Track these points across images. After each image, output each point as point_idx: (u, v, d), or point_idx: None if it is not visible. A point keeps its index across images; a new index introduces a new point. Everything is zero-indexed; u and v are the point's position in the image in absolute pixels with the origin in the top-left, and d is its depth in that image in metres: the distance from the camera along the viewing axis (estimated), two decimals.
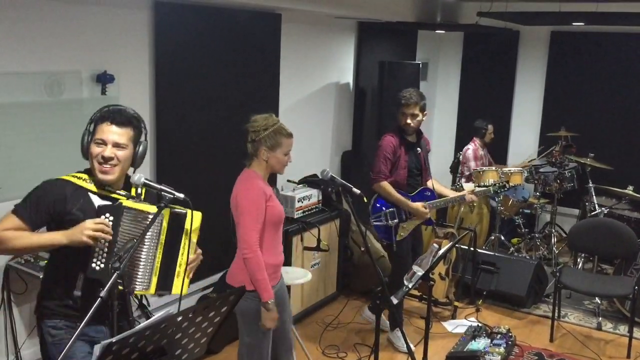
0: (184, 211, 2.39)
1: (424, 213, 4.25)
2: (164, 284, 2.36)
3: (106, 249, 2.25)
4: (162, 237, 2.35)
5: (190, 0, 3.98)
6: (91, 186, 2.36)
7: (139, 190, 2.45)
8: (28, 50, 3.29)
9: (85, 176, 2.38)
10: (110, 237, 2.23)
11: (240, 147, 4.57)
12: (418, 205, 4.25)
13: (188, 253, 2.41)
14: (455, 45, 7.65)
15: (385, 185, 4.21)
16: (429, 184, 4.41)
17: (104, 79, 3.57)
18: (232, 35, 4.42)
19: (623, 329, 4.84)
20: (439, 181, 4.62)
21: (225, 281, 3.16)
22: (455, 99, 7.75)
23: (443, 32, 7.27)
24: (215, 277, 4.54)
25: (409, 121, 4.20)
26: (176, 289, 2.37)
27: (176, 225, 2.38)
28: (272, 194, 3.06)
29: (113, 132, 2.35)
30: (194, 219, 2.39)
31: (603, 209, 5.79)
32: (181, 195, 2.33)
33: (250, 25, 4.57)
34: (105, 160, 2.33)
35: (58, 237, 2.24)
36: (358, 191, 3.16)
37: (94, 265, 2.25)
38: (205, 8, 4.14)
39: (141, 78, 3.86)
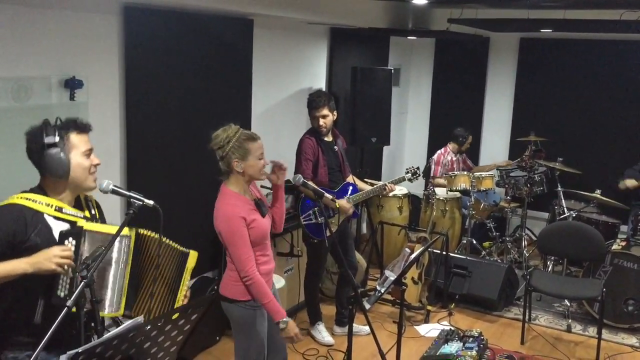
0: (188, 251, 2.40)
1: (348, 207, 4.39)
2: (130, 306, 2.35)
3: (70, 274, 2.18)
4: (130, 258, 2.33)
5: (161, 5, 3.95)
6: (48, 209, 2.24)
7: (92, 209, 2.42)
8: None
9: (39, 197, 2.25)
10: (73, 264, 2.16)
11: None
12: (342, 201, 4.39)
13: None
14: (426, 51, 7.73)
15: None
16: (349, 179, 4.61)
17: (72, 85, 3.51)
18: (204, 40, 4.40)
19: (592, 330, 4.92)
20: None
21: (219, 292, 3.12)
22: (427, 104, 7.82)
23: (415, 38, 7.34)
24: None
25: (321, 123, 4.40)
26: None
27: (179, 262, 2.38)
28: (252, 212, 2.97)
29: (88, 140, 2.33)
30: (192, 259, 2.44)
31: (572, 212, 5.89)
32: (151, 202, 2.31)
33: (222, 30, 4.55)
34: (96, 167, 2.33)
35: (22, 266, 2.10)
36: (330, 196, 3.17)
37: (59, 292, 2.17)
38: (176, 13, 4.11)
39: (111, 83, 3.81)
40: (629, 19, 5.26)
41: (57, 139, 2.22)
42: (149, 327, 1.83)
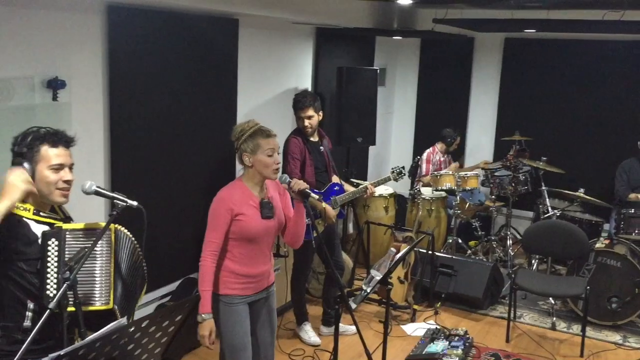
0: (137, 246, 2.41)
1: (333, 215, 4.42)
2: (127, 309, 2.33)
3: (55, 275, 2.18)
4: (112, 254, 2.32)
5: (145, 4, 3.93)
6: (26, 213, 2.22)
7: (65, 212, 2.40)
8: None
9: (18, 203, 2.22)
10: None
11: (199, 151, 4.56)
12: (328, 207, 4.41)
13: None
14: (412, 51, 7.75)
15: None
16: (334, 179, 4.63)
17: (55, 85, 3.47)
18: (189, 40, 4.37)
19: (576, 328, 4.96)
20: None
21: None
22: (413, 104, 7.84)
23: (400, 38, 7.36)
24: (173, 286, 4.47)
25: (306, 123, 4.42)
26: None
27: (130, 250, 2.38)
28: (248, 208, 2.97)
29: (65, 154, 2.28)
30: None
31: (556, 211, 5.94)
32: (134, 203, 2.30)
33: (207, 30, 4.54)
34: (69, 183, 2.27)
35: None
36: (317, 196, 3.17)
37: (48, 292, 2.17)
38: (160, 13, 4.09)
39: (94, 84, 3.78)
40: (611, 19, 5.31)
41: (24, 149, 2.22)
42: (132, 328, 1.81)
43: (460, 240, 6.24)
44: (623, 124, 6.56)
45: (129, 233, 2.45)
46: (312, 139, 4.52)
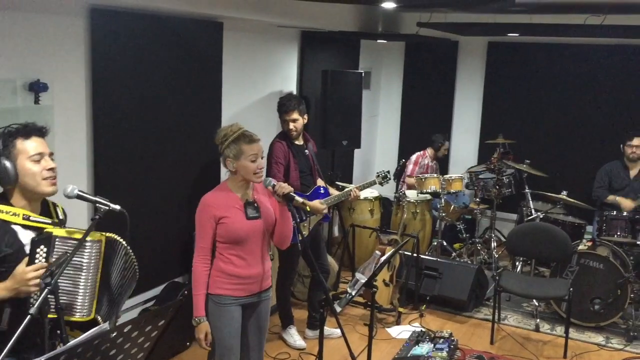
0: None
1: (322, 209, 4.44)
2: (102, 310, 2.31)
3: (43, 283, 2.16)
4: (101, 263, 2.30)
5: (128, 7, 3.90)
6: (15, 218, 2.21)
7: (60, 214, 2.38)
8: None
9: (5, 207, 2.22)
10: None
11: (184, 155, 4.53)
12: (315, 202, 4.41)
13: None
14: (397, 55, 7.79)
15: None
16: (319, 182, 4.64)
17: (37, 88, 3.44)
18: (172, 43, 4.36)
19: (560, 329, 5.00)
20: None
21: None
22: (398, 107, 7.87)
23: (385, 41, 7.39)
24: (158, 290, 4.45)
25: (291, 126, 4.43)
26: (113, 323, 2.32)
27: (121, 255, 2.36)
28: (232, 210, 2.99)
29: (42, 144, 2.27)
30: None
31: (539, 213, 5.99)
32: (117, 207, 2.28)
33: (191, 33, 4.52)
34: (53, 170, 2.26)
35: (1, 293, 2.10)
36: (301, 199, 3.17)
37: (32, 300, 2.14)
38: (144, 15, 4.07)
39: (77, 86, 3.75)
40: (593, 24, 5.38)
41: (0, 147, 2.20)
42: (114, 334, 1.80)
43: (445, 243, 6.27)
44: (606, 127, 6.63)
45: (123, 241, 2.42)
46: (297, 142, 4.52)
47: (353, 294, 3.43)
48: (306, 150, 4.59)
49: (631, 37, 5.94)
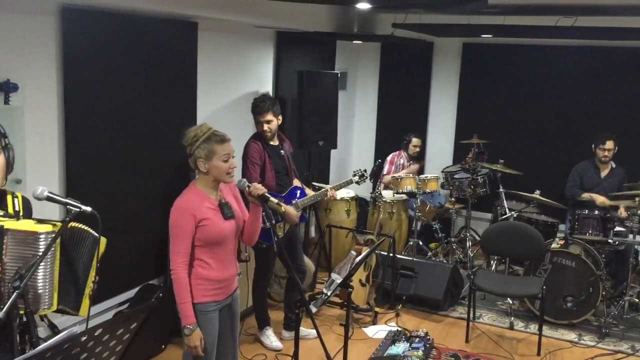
0: (97, 234, 2.32)
1: (295, 216, 4.44)
2: (68, 301, 2.27)
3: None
4: (57, 254, 2.26)
5: (100, 6, 3.85)
6: None
7: (17, 206, 2.33)
8: None
9: None
10: None
11: (158, 156, 4.49)
12: (290, 208, 4.42)
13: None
14: (372, 55, 7.81)
15: None
16: (295, 182, 4.63)
17: (6, 88, 3.38)
18: (147, 43, 4.31)
19: (533, 327, 5.07)
20: None
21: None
22: (374, 108, 7.90)
23: (360, 42, 7.41)
24: (131, 293, 4.40)
25: (265, 128, 4.43)
26: (84, 310, 2.28)
27: (87, 246, 2.31)
28: (209, 211, 2.95)
29: None
30: (102, 244, 2.32)
31: (513, 212, 6.06)
32: (88, 209, 2.25)
33: (166, 33, 4.48)
34: None
35: None
36: (275, 200, 3.16)
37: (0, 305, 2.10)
38: (116, 15, 4.02)
39: (48, 87, 3.69)
40: (564, 25, 5.46)
41: None
42: (84, 337, 1.77)
43: (421, 243, 6.31)
44: (578, 127, 6.74)
45: (83, 226, 2.37)
46: (272, 142, 4.51)
47: (329, 294, 3.43)
48: (282, 151, 4.58)
49: (601, 39, 6.05)
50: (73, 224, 2.34)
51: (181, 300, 2.90)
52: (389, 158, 6.77)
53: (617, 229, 5.46)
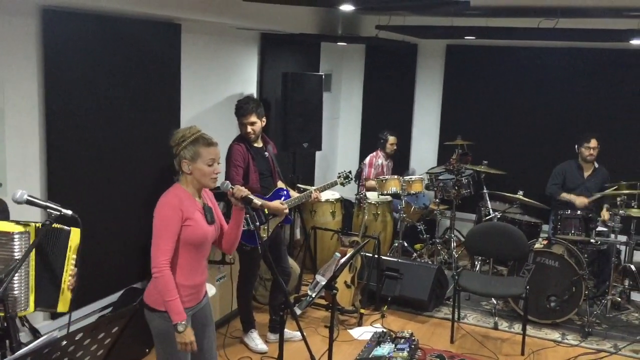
0: (68, 228, 2.28)
1: (283, 208, 4.42)
2: (45, 300, 2.24)
3: None
4: (32, 254, 2.23)
5: (82, 8, 3.82)
6: None
7: None
8: None
9: None
10: None
11: (141, 158, 4.46)
12: (276, 203, 4.40)
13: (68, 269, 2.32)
14: (357, 57, 7.83)
15: None
16: (280, 184, 4.63)
17: None
18: (129, 45, 4.28)
19: (517, 327, 5.10)
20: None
21: (143, 299, 3.00)
22: (359, 109, 7.92)
23: (345, 44, 7.42)
24: (115, 297, 4.36)
25: (249, 129, 4.42)
26: (63, 306, 2.26)
27: (59, 241, 2.27)
28: (195, 212, 2.91)
29: None
30: (73, 236, 2.27)
31: (496, 213, 6.10)
32: (69, 212, 2.23)
33: (149, 35, 4.45)
34: None
35: None
36: (259, 202, 3.16)
37: None
38: (98, 17, 3.99)
39: (29, 88, 3.65)
40: (546, 27, 5.51)
41: None
42: (65, 342, 1.75)
43: (405, 244, 6.32)
44: (560, 128, 6.80)
45: (55, 224, 2.34)
46: (255, 144, 4.50)
47: (313, 296, 3.42)
48: (266, 153, 4.57)
49: (583, 40, 6.11)
50: (39, 224, 2.30)
51: (169, 297, 2.82)
52: (367, 161, 6.77)
53: (599, 229, 5.51)
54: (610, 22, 5.60)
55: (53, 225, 2.27)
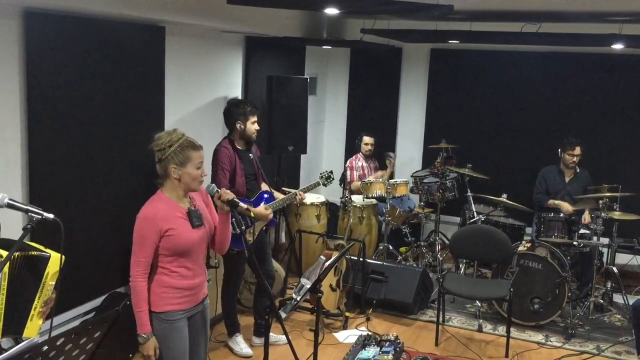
0: (47, 254, 2.23)
1: (267, 214, 4.42)
2: (13, 328, 2.18)
3: None
4: (5, 283, 2.17)
5: (65, 10, 3.79)
6: None
7: None
8: None
9: None
10: None
11: (124, 162, 4.43)
12: (260, 208, 4.40)
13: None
14: (342, 60, 7.85)
15: None
16: (263, 187, 4.64)
17: None
18: (113, 47, 4.25)
19: (502, 329, 5.13)
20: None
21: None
22: (344, 113, 7.93)
23: (330, 47, 7.43)
24: (98, 301, 4.32)
25: (254, 130, 4.49)
26: (30, 332, 2.19)
27: (36, 269, 2.22)
28: (177, 220, 2.90)
29: None
30: (52, 263, 2.23)
31: (480, 216, 6.14)
32: (51, 216, 2.20)
33: (133, 37, 4.42)
34: None
35: None
36: (245, 205, 3.14)
37: None
38: (81, 19, 3.95)
39: (10, 91, 3.61)
40: (528, 32, 5.56)
41: None
42: (46, 347, 1.73)
43: (391, 247, 6.34)
44: (543, 132, 6.86)
45: (32, 252, 2.27)
46: (240, 147, 4.50)
47: (298, 299, 3.42)
48: (250, 155, 4.57)
49: (565, 45, 6.17)
50: (18, 253, 2.23)
51: (138, 308, 2.88)
52: (347, 164, 6.81)
53: (582, 231, 5.56)
54: (592, 26, 5.67)
55: (31, 253, 2.22)
